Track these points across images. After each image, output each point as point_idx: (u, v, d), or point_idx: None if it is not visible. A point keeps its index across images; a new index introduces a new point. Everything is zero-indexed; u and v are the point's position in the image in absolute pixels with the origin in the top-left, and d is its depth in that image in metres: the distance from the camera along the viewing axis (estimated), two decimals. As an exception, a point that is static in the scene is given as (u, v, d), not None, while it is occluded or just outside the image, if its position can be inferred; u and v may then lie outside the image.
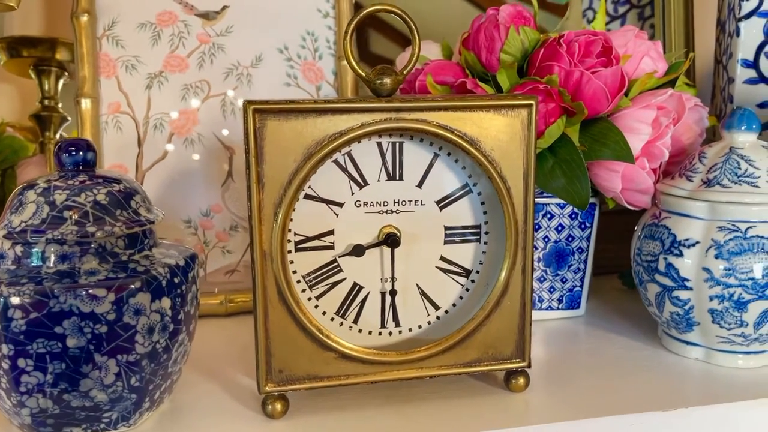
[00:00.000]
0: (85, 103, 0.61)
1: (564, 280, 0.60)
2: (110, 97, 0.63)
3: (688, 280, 0.48)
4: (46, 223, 0.38)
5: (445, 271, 0.46)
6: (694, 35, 0.82)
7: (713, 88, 0.73)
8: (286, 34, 0.67)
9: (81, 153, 0.41)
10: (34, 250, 0.38)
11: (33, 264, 0.38)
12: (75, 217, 0.38)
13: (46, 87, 0.74)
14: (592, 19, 0.86)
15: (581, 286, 0.61)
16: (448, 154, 0.44)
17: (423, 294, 0.46)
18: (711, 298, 0.47)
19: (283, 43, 0.67)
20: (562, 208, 0.57)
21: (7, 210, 0.40)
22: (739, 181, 0.47)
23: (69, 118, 0.76)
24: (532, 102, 0.42)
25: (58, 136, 0.75)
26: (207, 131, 0.64)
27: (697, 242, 0.47)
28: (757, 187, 0.47)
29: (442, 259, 0.46)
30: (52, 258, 0.38)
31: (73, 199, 0.39)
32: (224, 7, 0.66)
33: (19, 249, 0.39)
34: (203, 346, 0.53)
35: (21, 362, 0.37)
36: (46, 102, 0.75)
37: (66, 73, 0.76)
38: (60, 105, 0.76)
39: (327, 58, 0.68)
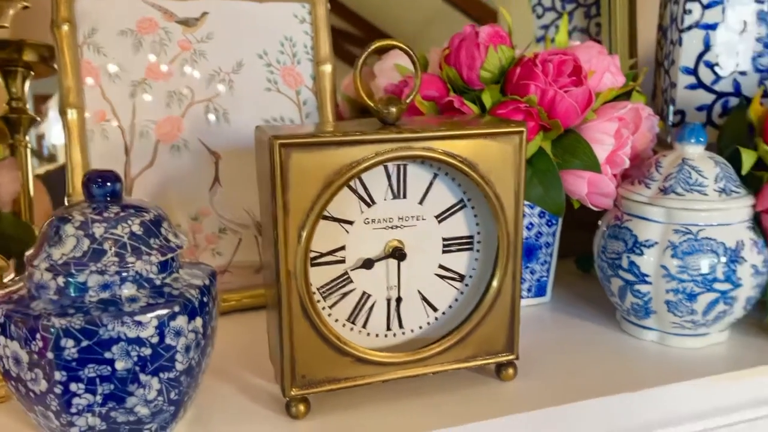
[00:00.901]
0: (72, 114, 0.62)
1: (533, 271, 0.66)
2: (95, 106, 0.63)
3: (648, 275, 0.55)
4: (87, 255, 0.41)
5: (442, 277, 0.51)
6: (637, 33, 0.89)
7: (654, 88, 0.81)
8: (265, 40, 0.69)
9: (110, 184, 0.43)
10: (76, 280, 0.41)
11: (75, 294, 0.41)
12: (114, 249, 0.41)
13: (13, 89, 0.73)
14: (541, 14, 0.92)
15: (547, 276, 0.67)
16: (446, 174, 0.49)
17: (423, 299, 0.51)
18: (667, 291, 0.54)
19: (263, 48, 0.69)
20: (532, 208, 0.63)
21: (44, 242, 0.42)
22: (691, 189, 0.54)
23: (38, 119, 0.76)
24: (523, 129, 0.47)
25: (28, 138, 0.75)
26: (192, 137, 0.66)
27: (656, 243, 0.55)
28: (706, 195, 0.54)
29: (441, 266, 0.51)
30: (94, 287, 0.41)
31: (111, 231, 0.41)
32: (204, 14, 0.67)
33: (61, 280, 0.41)
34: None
35: (73, 386, 0.40)
36: (14, 104, 0.74)
37: (32, 73, 0.75)
38: (28, 106, 0.75)
39: (305, 63, 0.70)
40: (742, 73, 0.71)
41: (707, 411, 0.54)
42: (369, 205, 0.48)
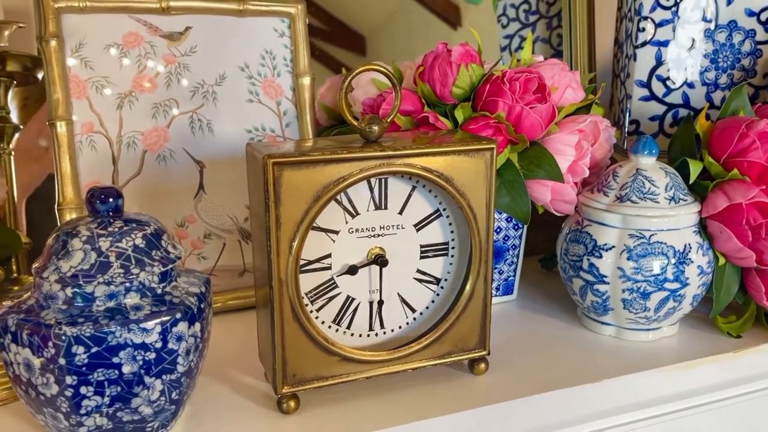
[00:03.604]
0: (61, 126, 0.64)
1: (501, 272, 0.71)
2: (83, 118, 0.66)
3: (606, 276, 0.60)
4: (94, 268, 0.44)
5: (420, 281, 0.55)
6: (595, 45, 0.95)
7: (611, 98, 0.87)
8: (246, 53, 0.72)
9: (112, 200, 0.46)
10: (84, 291, 0.44)
11: (83, 303, 0.44)
12: (120, 261, 0.44)
13: (-3, 98, 0.75)
14: (506, 24, 0.97)
15: (514, 276, 0.72)
16: (423, 186, 0.53)
17: (403, 301, 0.55)
18: (623, 291, 0.60)
19: (244, 61, 0.72)
20: (500, 213, 0.68)
21: (52, 255, 0.44)
22: (644, 197, 0.60)
23: (21, 127, 0.77)
24: (494, 145, 0.52)
25: (11, 146, 0.76)
26: (178, 147, 0.69)
27: (613, 246, 0.60)
28: (657, 202, 0.59)
29: (418, 271, 0.55)
30: (101, 297, 0.44)
31: (116, 245, 0.44)
32: (187, 28, 0.70)
33: (69, 291, 0.44)
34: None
35: (83, 389, 0.43)
36: (-2, 113, 0.75)
37: (15, 83, 0.76)
38: (11, 114, 0.76)
39: (285, 75, 0.74)
40: (691, 86, 0.76)
41: (660, 398, 0.59)
42: (353, 216, 0.52)
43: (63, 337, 0.42)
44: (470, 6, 0.95)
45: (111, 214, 0.46)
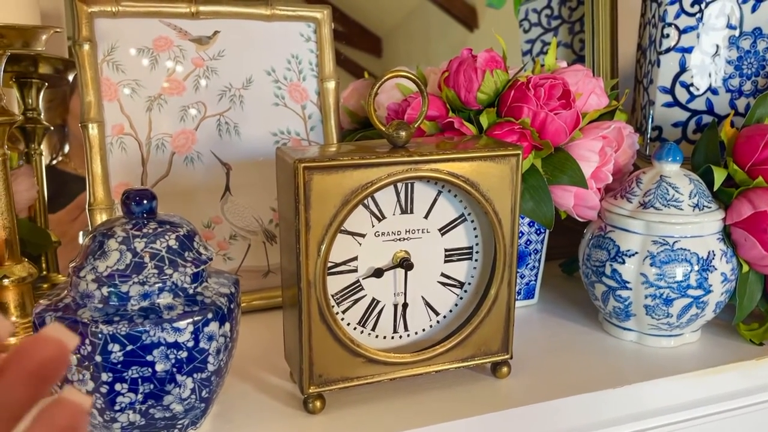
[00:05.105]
0: (93, 128, 0.65)
1: (522, 276, 0.72)
2: (114, 120, 0.67)
3: (628, 282, 0.60)
4: (130, 268, 0.45)
5: (444, 284, 0.56)
6: (618, 50, 0.95)
7: (633, 103, 0.87)
8: (273, 57, 0.73)
9: (147, 202, 0.47)
10: (119, 290, 0.45)
11: (118, 303, 0.45)
12: (154, 262, 0.45)
13: (29, 100, 0.77)
14: (528, 29, 0.97)
15: (536, 280, 0.73)
16: (449, 191, 0.54)
17: (427, 304, 0.56)
18: (646, 297, 0.60)
19: (270, 65, 0.73)
20: (522, 218, 0.69)
21: (88, 255, 0.46)
22: (668, 204, 0.60)
23: (51, 128, 0.79)
24: (519, 152, 0.52)
25: (42, 146, 0.78)
26: (205, 149, 0.70)
27: (636, 252, 0.60)
28: (681, 209, 0.60)
29: (443, 275, 0.56)
30: (136, 297, 0.45)
31: (151, 246, 0.46)
32: (216, 32, 0.71)
33: (105, 290, 0.45)
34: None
35: (117, 386, 0.44)
36: (29, 114, 0.77)
37: (46, 84, 0.78)
38: (42, 115, 0.78)
39: (310, 80, 0.75)
40: (715, 93, 0.76)
41: (681, 404, 0.60)
42: (379, 220, 0.52)
43: (100, 335, 0.43)
44: (488, 9, 0.95)
45: (145, 215, 0.48)
